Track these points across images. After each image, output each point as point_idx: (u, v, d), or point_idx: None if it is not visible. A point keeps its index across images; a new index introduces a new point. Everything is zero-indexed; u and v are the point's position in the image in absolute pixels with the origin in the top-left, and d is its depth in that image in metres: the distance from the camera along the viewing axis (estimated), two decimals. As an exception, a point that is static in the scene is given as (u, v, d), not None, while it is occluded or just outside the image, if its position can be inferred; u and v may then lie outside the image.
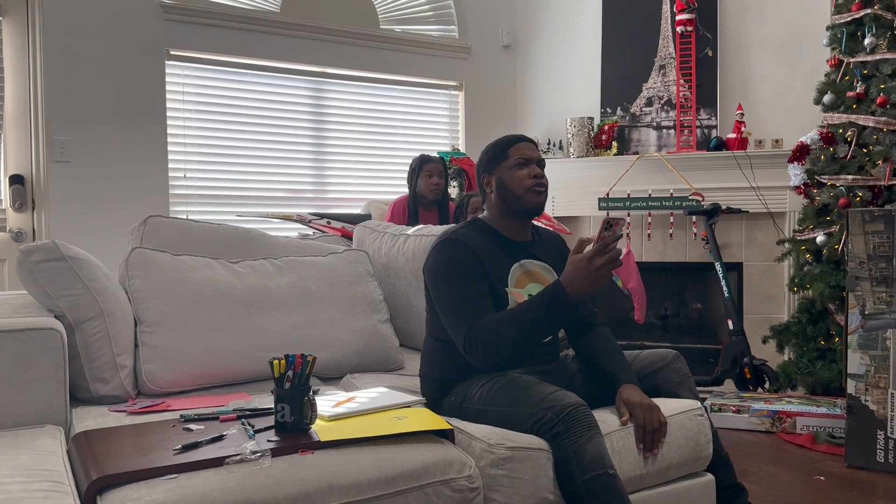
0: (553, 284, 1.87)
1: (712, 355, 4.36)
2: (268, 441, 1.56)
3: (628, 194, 4.40)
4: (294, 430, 1.61)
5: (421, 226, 2.92)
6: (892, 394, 2.84)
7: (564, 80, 4.97)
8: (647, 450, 1.88)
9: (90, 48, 3.78)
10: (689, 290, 4.71)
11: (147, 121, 3.93)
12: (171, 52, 4.01)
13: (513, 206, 2.06)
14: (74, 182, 3.75)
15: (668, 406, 2.01)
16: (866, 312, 2.90)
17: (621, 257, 3.89)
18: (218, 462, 1.47)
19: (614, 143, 4.60)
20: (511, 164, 2.04)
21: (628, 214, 4.48)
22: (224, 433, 1.62)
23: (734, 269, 4.34)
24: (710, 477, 2.06)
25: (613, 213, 4.48)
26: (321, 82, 4.51)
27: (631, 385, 1.99)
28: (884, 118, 3.47)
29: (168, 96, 4.01)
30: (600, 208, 4.42)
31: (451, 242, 2.03)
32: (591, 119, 4.64)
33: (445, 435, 1.74)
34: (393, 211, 3.96)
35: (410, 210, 3.91)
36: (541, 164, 2.07)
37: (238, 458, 1.46)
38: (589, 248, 1.82)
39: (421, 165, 3.90)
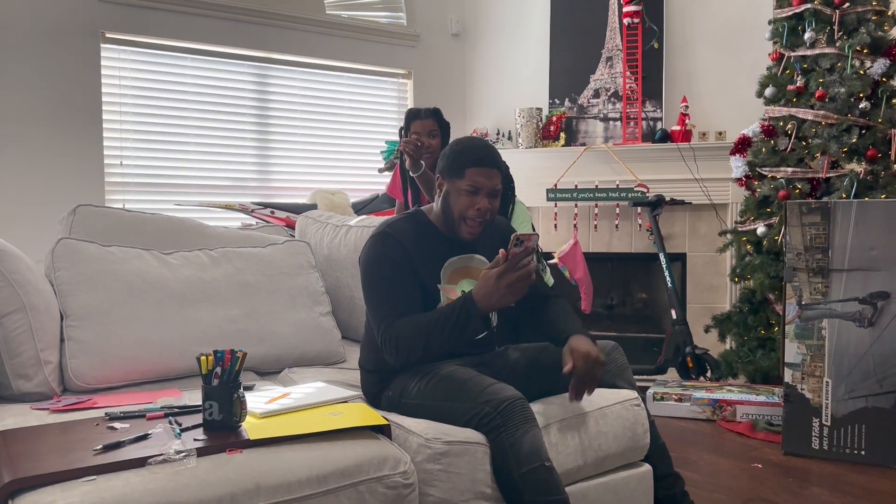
0: (464, 297, 1.86)
1: (656, 344, 4.42)
2: (194, 440, 1.51)
3: (575, 185, 4.42)
4: (222, 429, 1.56)
5: (364, 216, 2.87)
6: (827, 382, 2.91)
7: (513, 71, 4.96)
8: (576, 398, 1.89)
9: (19, 29, 3.62)
10: (634, 280, 4.76)
11: (81, 106, 3.79)
12: (107, 35, 3.87)
13: (448, 224, 2.03)
14: (2, 170, 3.59)
15: (605, 396, 2.01)
16: (803, 303, 2.96)
17: (568, 248, 3.91)
18: (140, 462, 1.41)
19: (562, 135, 4.61)
20: (461, 187, 1.96)
21: (575, 205, 4.50)
22: (149, 432, 1.56)
23: (678, 259, 4.40)
24: (647, 467, 2.07)
25: (561, 205, 4.51)
26: (265, 68, 4.41)
27: (582, 335, 1.94)
28: (822, 111, 3.54)
29: (104, 81, 3.87)
30: (548, 199, 4.43)
31: (385, 237, 1.99)
32: (540, 110, 4.64)
33: (382, 430, 1.71)
34: (392, 183, 3.42)
35: (403, 180, 3.25)
36: (493, 193, 1.98)
37: (161, 458, 1.41)
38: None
39: (407, 125, 3.09)
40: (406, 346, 1.88)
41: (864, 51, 3.53)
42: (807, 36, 3.66)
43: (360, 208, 4.12)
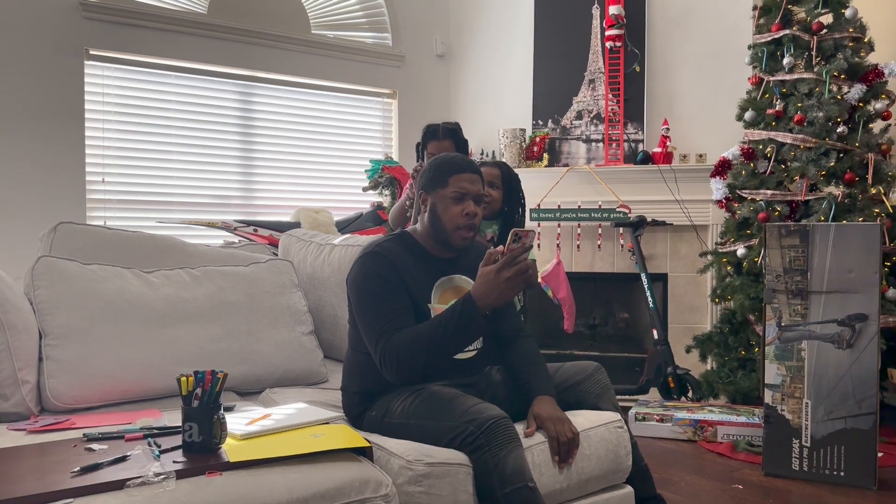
0: (464, 297, 1.85)
1: (638, 364, 4.43)
2: (173, 462, 1.49)
3: (559, 205, 4.44)
4: (202, 451, 1.55)
5: (347, 236, 2.87)
6: (807, 403, 2.93)
7: (497, 92, 5.00)
8: (563, 461, 1.88)
9: (2, 45, 3.61)
10: (616, 301, 4.78)
11: (63, 122, 3.77)
12: (91, 52, 3.86)
13: (440, 237, 2.03)
14: (-17, 185, 3.56)
15: (588, 418, 2.01)
16: (783, 324, 2.99)
17: (551, 267, 3.92)
18: (118, 485, 1.39)
19: (545, 155, 4.65)
20: (448, 195, 1.97)
21: (558, 225, 4.52)
22: (128, 453, 1.54)
23: (659, 279, 4.43)
24: (629, 489, 2.07)
25: (544, 224, 4.53)
26: (250, 86, 4.42)
27: (544, 398, 1.98)
28: (801, 135, 3.59)
29: (87, 97, 3.85)
30: (531, 219, 4.45)
31: (374, 256, 1.99)
32: (523, 131, 4.68)
33: (364, 452, 1.70)
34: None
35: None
36: (478, 199, 2.01)
37: (140, 480, 1.39)
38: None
39: (424, 143, 3.01)
40: (407, 358, 1.84)
41: (842, 76, 3.60)
42: (785, 61, 3.72)
43: (344, 227, 4.12)
